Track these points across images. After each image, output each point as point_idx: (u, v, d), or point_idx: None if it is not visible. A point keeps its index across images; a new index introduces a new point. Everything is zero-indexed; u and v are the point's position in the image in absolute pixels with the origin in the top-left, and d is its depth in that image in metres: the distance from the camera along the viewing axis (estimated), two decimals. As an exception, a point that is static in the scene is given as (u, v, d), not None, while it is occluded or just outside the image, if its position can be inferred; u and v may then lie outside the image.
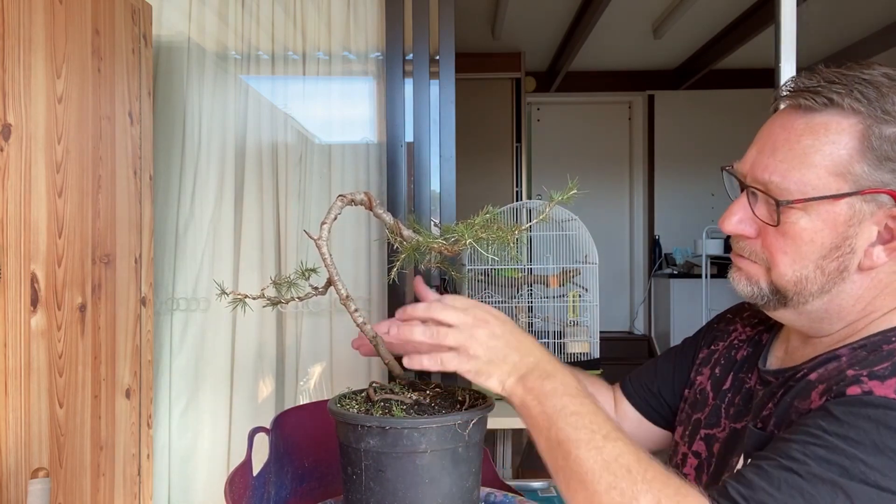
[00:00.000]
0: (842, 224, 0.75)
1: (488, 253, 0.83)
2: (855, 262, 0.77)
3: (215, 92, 2.26)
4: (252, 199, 2.24)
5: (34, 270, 1.48)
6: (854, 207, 0.75)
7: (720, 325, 1.04)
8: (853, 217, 0.75)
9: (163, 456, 2.20)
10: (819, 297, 0.79)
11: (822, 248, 0.76)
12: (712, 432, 0.92)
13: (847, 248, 0.76)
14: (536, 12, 4.15)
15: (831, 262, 0.77)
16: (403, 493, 0.80)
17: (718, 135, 5.37)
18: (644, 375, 1.09)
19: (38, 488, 1.30)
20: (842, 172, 0.74)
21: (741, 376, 0.92)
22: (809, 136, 0.76)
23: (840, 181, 0.74)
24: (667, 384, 1.05)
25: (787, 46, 2.12)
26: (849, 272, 0.77)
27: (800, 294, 0.79)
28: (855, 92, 0.74)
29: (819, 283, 0.78)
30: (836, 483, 0.62)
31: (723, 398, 0.93)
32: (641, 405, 1.07)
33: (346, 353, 2.22)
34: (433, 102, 2.15)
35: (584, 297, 2.39)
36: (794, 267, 0.78)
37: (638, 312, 5.85)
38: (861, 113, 0.74)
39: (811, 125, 0.76)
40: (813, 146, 0.75)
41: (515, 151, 5.10)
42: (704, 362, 1.01)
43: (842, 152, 0.74)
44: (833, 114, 0.75)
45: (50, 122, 1.53)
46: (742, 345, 0.96)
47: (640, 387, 1.08)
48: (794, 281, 0.79)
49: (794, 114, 0.78)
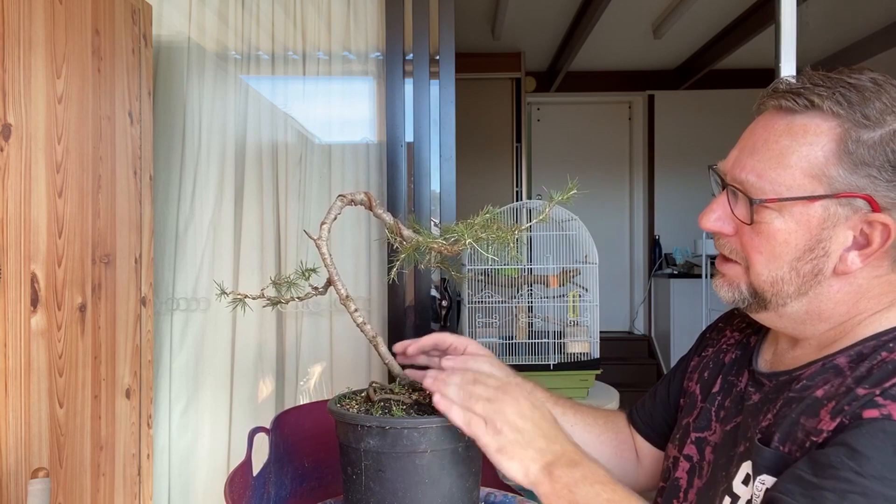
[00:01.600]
0: (815, 226, 0.75)
1: (488, 253, 0.83)
2: (830, 266, 0.77)
3: (215, 92, 2.26)
4: (252, 199, 2.24)
5: (34, 270, 1.48)
6: (828, 210, 0.75)
7: (711, 334, 1.04)
8: (827, 220, 0.75)
9: (163, 456, 2.20)
10: (797, 299, 0.79)
11: (796, 249, 0.77)
12: (703, 435, 0.91)
13: (821, 250, 0.76)
14: (536, 12, 4.15)
15: (805, 264, 0.77)
16: (403, 492, 0.80)
17: (718, 135, 5.37)
18: (648, 402, 1.09)
19: (38, 488, 1.30)
20: (817, 174, 0.74)
21: (730, 379, 0.92)
22: (788, 137, 0.76)
23: (815, 183, 0.75)
24: (666, 402, 1.05)
25: (787, 46, 2.12)
26: (824, 275, 0.77)
27: (777, 295, 0.79)
28: (837, 95, 0.74)
29: (795, 285, 0.78)
30: None
31: (712, 401, 0.92)
32: (651, 435, 1.06)
33: (346, 353, 2.22)
34: (433, 102, 2.15)
35: (584, 297, 2.39)
36: (768, 267, 0.79)
37: (638, 312, 5.86)
38: (841, 116, 0.74)
39: (791, 126, 0.77)
40: (790, 147, 0.76)
41: (515, 151, 5.10)
42: (695, 369, 1.01)
43: (818, 154, 0.74)
44: (813, 116, 0.76)
45: (50, 122, 1.53)
46: (730, 348, 0.96)
47: (645, 415, 1.08)
48: (771, 282, 0.79)
49: (777, 115, 0.79)
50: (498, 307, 2.43)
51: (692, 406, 0.96)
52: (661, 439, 1.05)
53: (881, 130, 0.73)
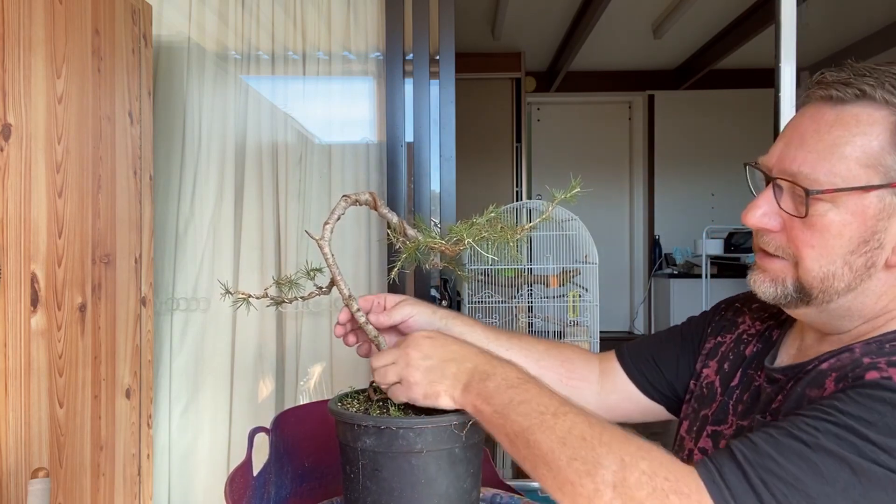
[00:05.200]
0: (871, 217, 0.74)
1: (488, 253, 0.83)
2: (882, 259, 0.75)
3: (215, 92, 2.26)
4: (252, 199, 2.24)
5: (34, 270, 1.48)
6: (884, 200, 0.73)
7: (728, 313, 1.02)
8: (883, 210, 0.74)
9: (163, 456, 2.20)
10: (844, 295, 0.77)
11: (850, 241, 0.75)
12: (719, 429, 0.90)
13: (875, 242, 0.74)
14: (536, 12, 4.15)
15: (859, 258, 0.75)
16: (400, 492, 0.80)
17: (718, 135, 5.38)
18: (646, 349, 1.06)
19: (38, 488, 1.30)
20: (873, 164, 0.73)
21: (750, 373, 0.91)
22: (840, 128, 0.75)
23: (871, 173, 0.73)
24: (671, 361, 1.03)
25: (787, 46, 2.12)
26: (876, 268, 0.76)
27: (825, 292, 0.77)
28: (887, 84, 0.73)
29: (846, 280, 0.76)
30: (845, 459, 0.61)
31: (731, 395, 0.91)
32: (640, 379, 1.04)
33: (346, 353, 2.22)
34: (433, 102, 2.15)
35: (584, 296, 2.39)
36: (820, 262, 0.76)
37: (638, 312, 5.86)
38: (893, 105, 0.73)
39: (842, 116, 0.75)
40: (843, 137, 0.74)
41: (515, 151, 5.10)
42: (711, 354, 0.99)
43: (873, 144, 0.73)
44: (865, 105, 0.74)
45: (50, 122, 1.53)
46: (751, 339, 0.95)
47: (640, 360, 1.05)
48: (821, 277, 0.77)
49: (824, 106, 0.77)
50: (498, 307, 2.43)
51: (711, 398, 0.94)
52: (648, 385, 1.04)
53: None
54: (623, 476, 0.64)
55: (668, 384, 1.03)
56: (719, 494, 0.62)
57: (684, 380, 1.02)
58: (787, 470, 0.62)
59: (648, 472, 0.63)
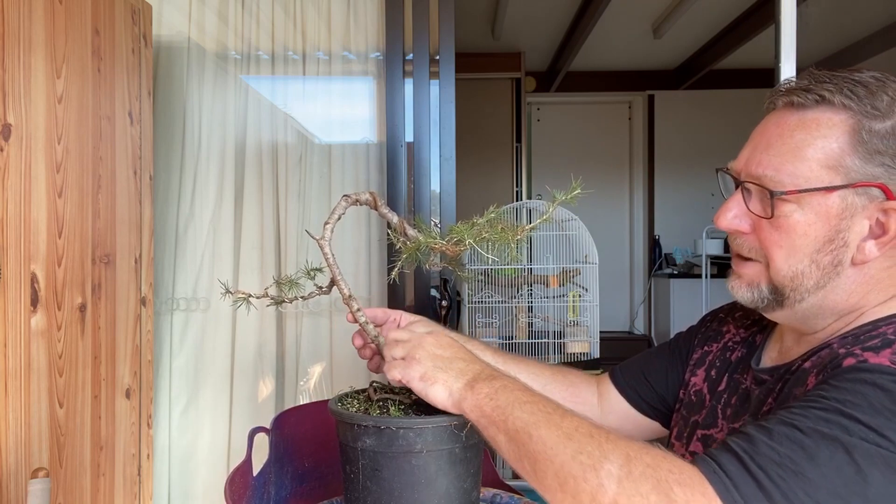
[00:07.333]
0: (834, 217, 0.77)
1: (488, 254, 0.84)
2: (848, 256, 0.78)
3: (215, 92, 2.26)
4: (252, 199, 2.24)
5: (34, 270, 1.48)
6: (846, 200, 0.77)
7: (713, 324, 1.05)
8: (845, 210, 0.77)
9: (163, 456, 2.20)
10: (814, 294, 0.80)
11: (816, 241, 0.78)
12: (709, 432, 0.92)
13: (840, 241, 0.78)
14: (536, 12, 4.15)
15: (825, 256, 0.78)
16: (399, 492, 0.80)
17: (718, 135, 5.37)
18: (636, 366, 1.10)
19: (38, 488, 1.30)
20: (833, 165, 0.76)
21: (736, 377, 0.93)
22: (802, 131, 0.78)
23: (832, 174, 0.76)
24: (660, 375, 1.06)
25: (787, 46, 2.12)
26: (843, 266, 0.79)
27: (796, 290, 0.80)
28: (845, 90, 0.77)
29: (815, 278, 0.79)
30: (837, 439, 0.63)
31: (719, 399, 0.94)
32: (632, 395, 1.08)
33: (346, 353, 2.22)
34: (433, 102, 2.15)
35: (584, 296, 2.39)
36: (789, 262, 0.80)
37: (638, 312, 5.85)
38: (851, 109, 0.76)
39: (804, 121, 0.79)
40: (805, 140, 0.78)
41: (515, 151, 5.10)
42: (699, 363, 1.02)
43: (833, 146, 0.76)
44: (824, 110, 0.78)
45: (50, 122, 1.53)
46: (736, 346, 0.98)
47: (631, 377, 1.09)
48: (791, 276, 0.80)
49: (787, 112, 0.81)
50: (498, 307, 2.43)
51: (700, 404, 0.97)
52: (642, 401, 1.07)
53: (891, 121, 0.76)
54: (629, 470, 0.64)
55: (659, 398, 1.06)
56: (721, 484, 0.63)
57: (674, 392, 1.05)
58: (784, 455, 0.63)
59: (652, 465, 0.64)
